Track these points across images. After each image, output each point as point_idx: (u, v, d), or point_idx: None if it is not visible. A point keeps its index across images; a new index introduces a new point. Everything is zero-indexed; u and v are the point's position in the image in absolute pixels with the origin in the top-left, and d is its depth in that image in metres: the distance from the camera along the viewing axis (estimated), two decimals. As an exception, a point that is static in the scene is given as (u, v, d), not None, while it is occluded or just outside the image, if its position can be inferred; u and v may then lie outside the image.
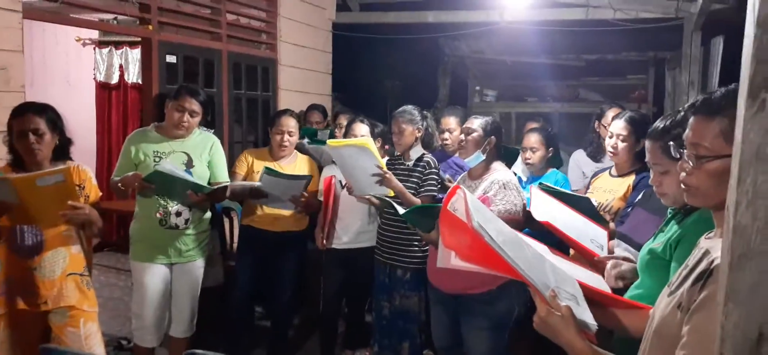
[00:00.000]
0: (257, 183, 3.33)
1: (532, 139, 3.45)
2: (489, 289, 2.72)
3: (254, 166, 3.55)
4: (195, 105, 3.15)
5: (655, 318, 1.20)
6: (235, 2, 4.98)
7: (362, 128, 3.49)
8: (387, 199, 3.01)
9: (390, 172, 3.09)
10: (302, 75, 5.73)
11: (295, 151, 3.70)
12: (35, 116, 2.52)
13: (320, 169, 3.76)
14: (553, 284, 1.28)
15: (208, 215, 3.33)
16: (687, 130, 1.19)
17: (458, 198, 1.31)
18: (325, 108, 5.14)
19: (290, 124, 3.56)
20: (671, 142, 1.33)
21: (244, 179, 3.52)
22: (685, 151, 1.20)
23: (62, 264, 2.61)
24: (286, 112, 3.66)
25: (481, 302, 2.75)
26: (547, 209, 2.37)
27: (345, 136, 3.59)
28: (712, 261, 1.06)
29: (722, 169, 1.11)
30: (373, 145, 3.11)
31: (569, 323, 1.23)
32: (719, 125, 1.13)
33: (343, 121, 4.05)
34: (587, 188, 3.05)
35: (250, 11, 5.23)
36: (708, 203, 1.20)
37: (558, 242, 2.52)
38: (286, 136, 3.53)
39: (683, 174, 1.20)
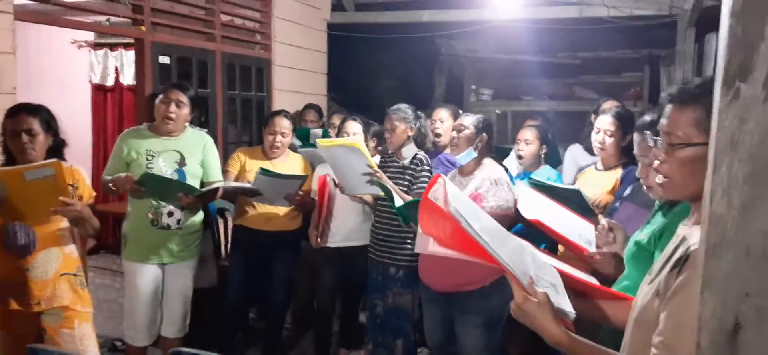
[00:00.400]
0: (249, 183, 3.33)
1: (527, 133, 3.46)
2: (481, 286, 2.72)
3: (247, 165, 3.56)
4: (180, 96, 3.14)
5: (636, 307, 1.21)
6: (229, 3, 4.98)
7: (354, 126, 3.50)
8: (386, 186, 3.00)
9: (380, 171, 3.09)
10: (297, 75, 5.73)
11: (295, 143, 3.70)
12: (28, 116, 2.52)
13: (313, 167, 3.76)
14: (532, 273, 1.28)
15: (201, 215, 3.33)
16: (662, 119, 1.20)
17: (439, 187, 1.32)
18: (320, 108, 5.15)
19: (283, 125, 3.56)
20: (648, 131, 1.33)
21: (237, 178, 3.52)
22: (659, 139, 1.20)
23: (55, 264, 2.59)
24: (280, 112, 3.66)
25: (474, 299, 2.76)
26: (535, 206, 2.38)
27: (338, 135, 3.59)
28: (689, 248, 1.07)
29: (694, 157, 1.12)
30: (362, 145, 3.11)
31: (545, 310, 1.24)
32: (693, 114, 1.14)
33: (337, 120, 4.05)
34: (573, 183, 3.06)
35: (244, 12, 5.23)
36: (683, 194, 1.20)
37: (550, 241, 2.53)
38: (279, 137, 3.53)
39: (656, 162, 1.21)
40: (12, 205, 2.39)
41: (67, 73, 6.56)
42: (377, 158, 3.50)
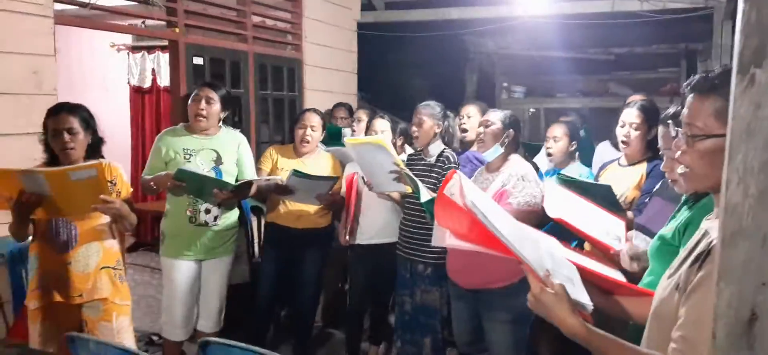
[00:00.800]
0: (281, 178, 3.38)
1: (556, 129, 3.44)
2: (509, 282, 2.71)
3: (279, 163, 3.61)
4: (210, 92, 3.21)
5: (655, 300, 1.20)
6: (261, 4, 5.07)
7: (381, 124, 3.52)
8: (415, 180, 3.01)
9: (405, 168, 3.10)
10: (328, 75, 5.79)
11: (319, 148, 3.74)
12: (69, 116, 2.61)
13: (343, 166, 3.79)
14: (549, 266, 1.28)
15: (236, 212, 3.40)
16: (684, 109, 1.19)
17: (454, 182, 1.33)
18: (351, 106, 5.20)
19: (313, 119, 3.60)
20: (670, 121, 1.32)
21: (269, 175, 3.58)
22: (680, 130, 1.19)
23: (96, 258, 2.69)
24: (310, 109, 3.71)
25: (501, 296, 2.75)
26: (561, 204, 2.36)
27: (366, 132, 3.62)
28: (711, 242, 1.05)
29: (714, 148, 1.11)
30: (388, 143, 3.13)
31: (562, 301, 1.23)
32: (713, 104, 1.12)
33: (362, 116, 4.09)
34: (596, 180, 3.02)
35: (275, 13, 5.31)
36: (704, 185, 1.18)
37: (581, 239, 2.50)
38: (309, 131, 3.57)
39: (678, 153, 1.20)
40: (55, 202, 2.49)
41: (106, 75, 6.77)
42: (404, 156, 3.51)
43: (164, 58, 6.43)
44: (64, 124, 2.60)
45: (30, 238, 2.68)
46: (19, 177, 2.42)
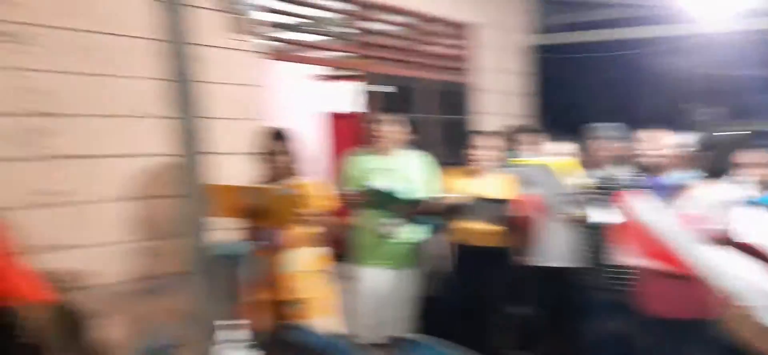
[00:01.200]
0: (458, 196, 3.55)
1: (749, 156, 3.19)
2: (708, 314, 2.56)
3: (452, 185, 3.73)
4: (389, 117, 3.58)
5: None
6: (435, 34, 5.45)
7: (552, 147, 3.54)
8: (585, 203, 2.99)
9: (576, 194, 3.08)
10: (499, 98, 5.94)
11: (497, 168, 3.84)
12: (275, 139, 3.13)
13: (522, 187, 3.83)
14: (744, 288, 1.27)
15: (422, 227, 3.66)
16: None
17: (628, 202, 1.38)
18: (532, 128, 5.22)
19: (482, 140, 3.74)
20: None
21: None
22: None
23: (301, 262, 3.11)
24: (480, 131, 3.90)
25: (697, 328, 2.58)
26: (753, 229, 2.22)
27: (537, 154, 3.65)
28: None
29: None
30: (554, 166, 3.14)
31: (752, 320, 1.22)
32: None
33: (526, 139, 4.05)
34: None
35: (448, 41, 5.62)
36: None
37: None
38: (479, 151, 3.70)
39: None
40: (265, 213, 2.98)
41: (305, 102, 7.47)
42: (586, 178, 3.47)
43: (354, 86, 6.97)
44: (271, 146, 3.07)
45: (249, 242, 3.16)
46: (239, 191, 2.99)
